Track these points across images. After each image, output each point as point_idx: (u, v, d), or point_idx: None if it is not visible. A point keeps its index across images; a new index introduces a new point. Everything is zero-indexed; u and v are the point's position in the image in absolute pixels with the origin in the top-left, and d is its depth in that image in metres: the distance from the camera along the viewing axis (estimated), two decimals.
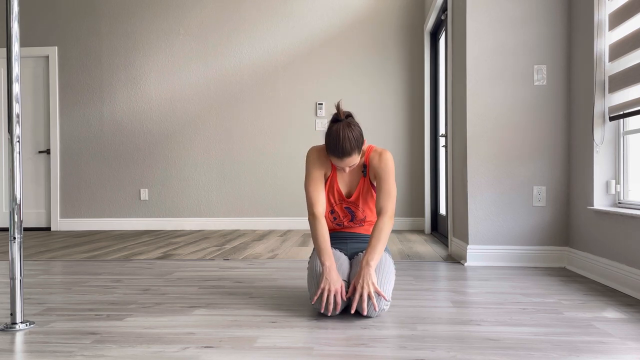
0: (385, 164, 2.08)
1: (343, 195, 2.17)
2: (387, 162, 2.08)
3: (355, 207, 2.18)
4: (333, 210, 2.20)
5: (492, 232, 3.15)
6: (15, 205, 1.90)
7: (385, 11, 5.41)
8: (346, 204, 2.17)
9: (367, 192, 2.16)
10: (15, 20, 1.89)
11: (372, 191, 2.17)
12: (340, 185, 2.17)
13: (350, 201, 2.17)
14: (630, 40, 2.45)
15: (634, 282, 2.33)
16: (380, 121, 5.39)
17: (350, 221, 2.22)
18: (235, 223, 5.52)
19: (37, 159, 5.72)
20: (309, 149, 2.18)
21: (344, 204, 2.18)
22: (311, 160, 2.13)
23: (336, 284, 1.95)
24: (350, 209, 2.18)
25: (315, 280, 2.02)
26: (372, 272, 1.94)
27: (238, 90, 5.54)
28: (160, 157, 5.60)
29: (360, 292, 1.91)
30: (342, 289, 1.97)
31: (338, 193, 2.16)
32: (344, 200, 2.17)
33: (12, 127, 1.89)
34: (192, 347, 1.65)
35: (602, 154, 2.75)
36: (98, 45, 5.65)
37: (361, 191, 2.15)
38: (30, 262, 3.40)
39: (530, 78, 3.13)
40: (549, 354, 1.56)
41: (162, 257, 3.55)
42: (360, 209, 2.18)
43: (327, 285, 1.94)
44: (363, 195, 2.16)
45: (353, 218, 2.21)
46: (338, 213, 2.20)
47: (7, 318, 2.02)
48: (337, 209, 2.19)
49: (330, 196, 2.17)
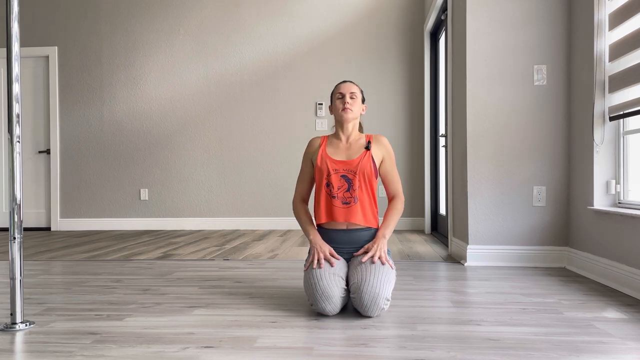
0: (391, 148, 2.30)
1: (338, 161, 2.19)
2: (390, 147, 2.30)
3: (352, 175, 2.16)
4: (329, 182, 2.17)
5: (492, 232, 3.15)
6: (15, 205, 1.90)
7: (385, 11, 5.41)
8: (343, 171, 2.17)
9: (367, 164, 2.17)
10: (15, 20, 1.90)
11: (370, 168, 2.17)
12: (335, 156, 2.22)
13: (347, 169, 2.17)
14: (630, 40, 2.45)
15: (634, 282, 2.33)
16: (380, 121, 5.39)
17: (346, 191, 2.17)
18: (235, 223, 5.52)
19: (37, 159, 5.72)
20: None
21: (340, 172, 2.17)
22: (305, 151, 2.33)
23: (323, 247, 2.13)
24: (347, 177, 2.17)
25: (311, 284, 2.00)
26: (384, 244, 2.14)
27: (238, 90, 5.54)
28: (160, 157, 5.60)
29: (372, 253, 2.08)
30: (332, 251, 2.14)
31: (332, 161, 2.19)
32: (340, 166, 2.17)
33: (12, 127, 1.89)
34: (192, 347, 1.65)
35: (602, 154, 2.75)
36: (98, 45, 5.65)
37: (361, 160, 2.17)
38: (30, 262, 3.40)
39: (530, 78, 3.13)
40: (549, 354, 1.56)
41: (162, 257, 3.55)
42: (358, 178, 2.15)
43: (315, 252, 2.12)
44: (362, 164, 2.16)
45: (349, 188, 2.17)
46: (333, 184, 2.17)
47: (7, 318, 2.02)
48: (333, 180, 2.17)
49: (326, 166, 2.18)
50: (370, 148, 2.21)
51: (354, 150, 2.23)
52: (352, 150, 2.23)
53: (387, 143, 2.27)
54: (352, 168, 2.17)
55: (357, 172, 2.16)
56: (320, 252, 2.11)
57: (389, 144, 2.28)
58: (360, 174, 2.16)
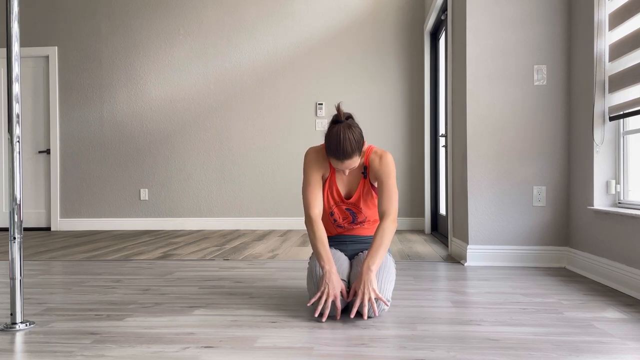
0: (387, 166, 2.06)
1: (342, 196, 2.15)
2: (388, 165, 2.06)
3: (356, 208, 2.16)
4: (333, 212, 2.17)
5: (492, 232, 3.15)
6: (15, 205, 1.90)
7: (385, 11, 5.41)
8: (346, 205, 2.15)
9: (368, 193, 2.14)
10: (15, 20, 1.89)
11: (372, 192, 2.15)
12: (340, 186, 2.15)
13: (350, 202, 2.15)
14: (630, 40, 2.45)
15: (634, 282, 2.33)
16: (380, 121, 5.39)
17: (351, 223, 2.20)
18: (235, 223, 5.52)
19: (37, 159, 5.71)
20: (306, 150, 2.15)
21: (344, 205, 2.15)
22: (308, 162, 2.10)
23: (336, 289, 1.91)
24: (351, 210, 2.16)
25: (315, 280, 2.01)
26: (372, 278, 1.91)
27: (238, 90, 5.54)
28: (160, 157, 5.60)
29: (362, 297, 1.88)
30: (344, 291, 1.94)
31: (337, 194, 2.14)
32: (344, 201, 2.15)
33: (12, 127, 1.89)
34: (192, 347, 1.65)
35: (602, 154, 2.74)
36: (98, 45, 5.65)
37: (362, 192, 2.13)
38: (30, 262, 3.39)
39: (530, 78, 3.13)
40: (549, 354, 1.56)
41: (162, 257, 3.55)
42: (362, 209, 2.16)
43: (326, 289, 1.90)
44: (364, 196, 2.14)
45: (354, 219, 2.18)
46: (338, 215, 2.17)
47: (7, 318, 2.02)
48: (337, 211, 2.16)
49: (330, 198, 2.15)
50: (367, 176, 2.12)
51: (354, 176, 2.14)
52: (352, 177, 2.14)
53: (381, 163, 2.07)
54: (355, 202, 2.15)
55: (360, 205, 2.15)
56: (331, 294, 1.90)
57: (384, 162, 2.06)
58: (364, 205, 2.15)
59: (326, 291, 1.90)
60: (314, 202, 2.06)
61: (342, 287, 1.94)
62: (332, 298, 1.90)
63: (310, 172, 2.09)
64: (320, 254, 1.98)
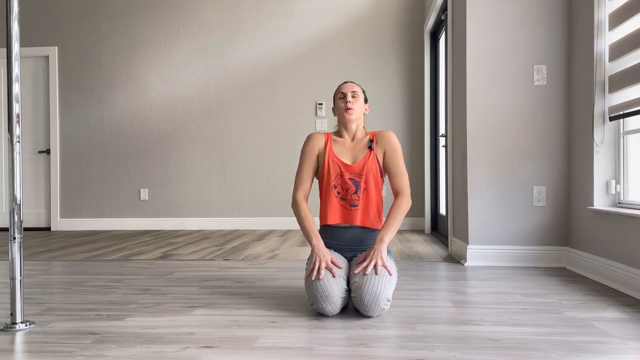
0: (395, 142, 2.20)
1: (346, 164, 2.18)
2: (396, 141, 2.21)
3: (359, 177, 2.17)
4: (335, 184, 2.18)
5: (492, 232, 3.15)
6: (15, 205, 1.90)
7: (385, 11, 5.41)
8: (350, 174, 2.17)
9: (372, 165, 2.16)
10: (15, 20, 1.90)
11: (376, 168, 2.17)
12: (343, 157, 2.20)
13: (355, 172, 2.17)
14: (630, 40, 2.45)
15: (634, 282, 2.33)
16: (380, 121, 5.39)
17: (354, 194, 2.18)
18: (235, 223, 5.52)
19: (37, 159, 5.72)
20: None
21: (347, 174, 2.17)
22: (305, 145, 2.24)
23: (325, 255, 2.05)
24: (354, 179, 2.17)
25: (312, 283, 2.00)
26: (383, 248, 2.03)
27: (238, 90, 5.54)
28: (160, 157, 5.60)
29: (369, 261, 1.99)
30: (334, 259, 2.06)
31: (341, 163, 2.18)
32: (348, 169, 2.17)
33: (12, 127, 1.89)
34: (192, 347, 1.65)
35: (602, 154, 2.75)
36: (98, 45, 5.65)
37: (366, 162, 2.16)
38: (30, 262, 3.40)
39: (530, 78, 3.13)
40: (549, 354, 1.56)
41: (162, 257, 3.55)
42: (364, 180, 2.16)
43: (317, 259, 2.03)
44: (368, 166, 2.16)
45: (357, 190, 2.18)
46: (341, 187, 2.18)
47: (7, 318, 2.02)
48: (340, 182, 2.18)
49: (332, 170, 2.18)
50: (373, 148, 2.19)
51: (359, 150, 2.21)
52: (357, 150, 2.21)
53: (389, 137, 2.20)
54: (359, 171, 2.16)
55: (363, 174, 2.16)
56: (322, 260, 2.03)
57: (392, 138, 2.20)
58: (367, 176, 2.16)
59: (317, 260, 2.04)
60: (300, 184, 2.22)
61: (331, 255, 2.07)
62: (325, 264, 2.02)
63: (305, 158, 2.24)
64: (308, 231, 2.13)
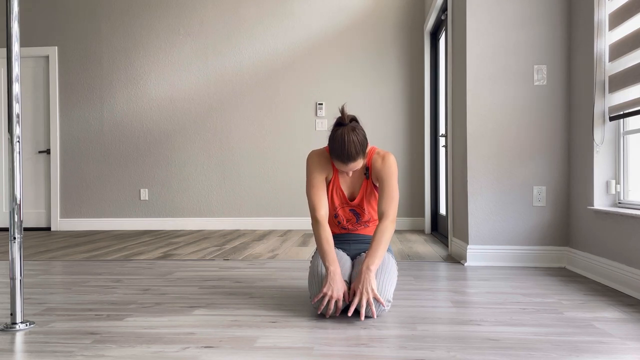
0: (389, 167, 2.07)
1: (346, 197, 2.16)
2: (390, 166, 2.07)
3: (360, 209, 2.17)
4: (337, 214, 2.19)
5: (492, 232, 3.15)
6: (15, 205, 1.90)
7: (385, 11, 5.41)
8: (350, 207, 2.17)
9: (370, 193, 2.15)
10: (15, 20, 1.89)
11: (374, 192, 2.16)
12: (343, 187, 2.16)
13: (354, 204, 2.16)
14: (630, 40, 2.45)
15: (634, 282, 2.33)
16: (380, 121, 5.39)
17: (355, 223, 2.21)
18: (235, 223, 5.51)
19: (37, 159, 5.71)
20: (309, 153, 2.16)
21: (348, 207, 2.17)
22: (311, 164, 2.11)
23: (339, 291, 1.93)
24: (355, 211, 2.18)
25: (317, 280, 2.02)
26: (372, 278, 1.93)
27: (238, 90, 5.54)
28: (160, 157, 5.60)
29: (360, 297, 1.90)
30: (345, 294, 1.96)
31: (342, 195, 2.16)
32: (348, 203, 2.16)
33: (12, 127, 1.89)
34: (192, 347, 1.65)
35: (602, 154, 2.74)
36: (98, 45, 5.65)
37: (364, 193, 2.14)
38: (30, 262, 3.39)
39: (530, 78, 3.13)
40: (549, 354, 1.56)
41: (162, 257, 3.55)
42: (365, 210, 2.17)
43: (329, 291, 1.92)
44: (367, 197, 2.15)
45: (358, 220, 2.20)
46: (342, 217, 2.19)
47: (7, 318, 2.02)
48: (341, 212, 2.18)
49: (335, 199, 2.16)
50: (369, 177, 2.13)
51: (356, 177, 2.14)
52: (354, 179, 2.15)
53: (383, 164, 2.07)
54: (358, 204, 2.15)
55: (364, 206, 2.16)
56: (334, 295, 1.92)
57: (386, 164, 2.07)
58: (367, 206, 2.16)
59: (329, 293, 1.92)
60: (319, 204, 2.07)
61: (344, 289, 1.96)
62: (335, 299, 1.92)
63: (314, 174, 2.10)
64: (326, 255, 2.00)
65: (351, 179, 2.15)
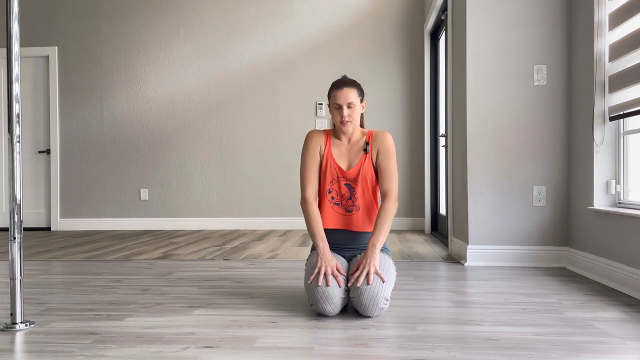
0: (389, 143, 2.17)
1: (342, 169, 2.17)
2: (390, 142, 2.17)
3: (354, 183, 2.16)
4: (331, 189, 2.18)
5: (492, 232, 3.15)
6: (15, 205, 1.90)
7: (385, 11, 5.41)
8: (346, 180, 2.16)
9: (368, 170, 2.15)
10: (15, 20, 1.90)
11: (372, 172, 2.16)
12: (340, 161, 2.18)
13: (350, 178, 2.16)
14: (630, 40, 2.45)
15: (634, 282, 2.33)
16: (380, 121, 5.39)
17: (348, 199, 2.18)
18: (235, 223, 5.52)
19: (37, 159, 5.71)
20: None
21: (343, 180, 2.16)
22: (307, 141, 2.21)
23: (331, 261, 2.03)
24: (349, 185, 2.17)
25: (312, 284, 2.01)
26: (376, 255, 2.01)
27: (238, 90, 5.54)
28: (160, 157, 5.60)
29: (362, 270, 1.97)
30: (338, 265, 2.04)
31: (337, 168, 2.17)
32: (344, 175, 2.16)
33: (12, 127, 1.89)
34: (192, 347, 1.65)
35: (602, 154, 2.75)
36: (98, 46, 5.65)
37: (361, 166, 2.15)
38: (30, 262, 3.40)
39: (530, 78, 3.13)
40: (549, 354, 1.56)
41: (162, 257, 3.55)
42: (360, 186, 2.16)
43: (322, 264, 2.01)
44: (363, 172, 2.15)
45: (351, 196, 2.18)
46: (336, 191, 2.18)
47: (7, 318, 2.02)
48: (335, 187, 2.17)
49: (328, 174, 2.17)
50: (368, 151, 2.16)
51: (355, 152, 2.18)
52: (352, 153, 2.19)
53: (384, 138, 2.16)
54: (354, 177, 2.15)
55: (359, 180, 2.16)
56: (327, 266, 2.01)
57: (387, 139, 2.16)
58: (362, 182, 2.16)
59: (322, 266, 2.01)
60: (309, 182, 2.18)
61: (336, 261, 2.05)
62: (330, 271, 2.00)
63: (308, 156, 2.19)
64: (315, 232, 2.10)
65: (349, 153, 2.19)
